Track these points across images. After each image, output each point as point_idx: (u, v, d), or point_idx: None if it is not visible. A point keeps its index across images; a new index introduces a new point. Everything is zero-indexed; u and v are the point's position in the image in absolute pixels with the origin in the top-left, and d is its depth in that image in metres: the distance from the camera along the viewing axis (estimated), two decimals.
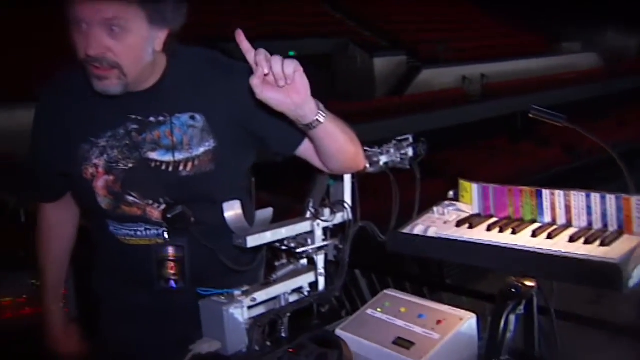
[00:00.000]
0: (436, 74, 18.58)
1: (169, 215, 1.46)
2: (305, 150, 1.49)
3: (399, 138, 1.68)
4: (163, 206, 1.48)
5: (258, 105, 1.28)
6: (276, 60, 1.19)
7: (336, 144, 1.39)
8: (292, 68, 1.20)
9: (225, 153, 1.48)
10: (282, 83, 1.20)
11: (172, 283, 1.49)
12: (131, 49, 1.34)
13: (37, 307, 1.89)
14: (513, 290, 1.06)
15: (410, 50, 19.09)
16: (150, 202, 1.48)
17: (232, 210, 1.46)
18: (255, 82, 1.21)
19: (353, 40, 18.53)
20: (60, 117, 1.50)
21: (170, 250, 1.49)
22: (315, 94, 1.28)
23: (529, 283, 1.16)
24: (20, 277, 2.24)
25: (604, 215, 1.29)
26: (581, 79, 21.38)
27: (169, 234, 1.49)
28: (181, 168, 1.46)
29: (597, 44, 23.01)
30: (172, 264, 1.49)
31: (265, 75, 1.20)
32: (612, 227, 1.28)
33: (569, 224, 1.34)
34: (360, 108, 15.06)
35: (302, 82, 1.23)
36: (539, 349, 1.27)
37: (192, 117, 1.45)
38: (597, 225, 1.30)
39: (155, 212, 1.49)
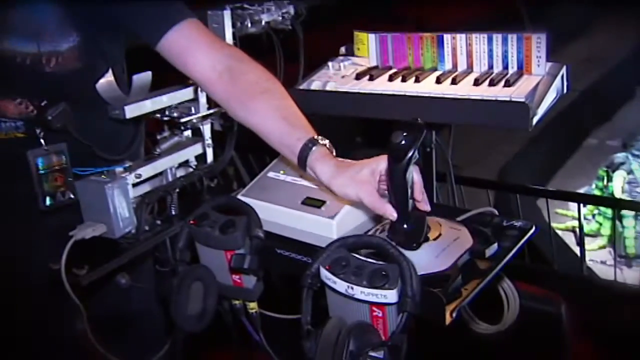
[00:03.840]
0: None
1: (49, 117, 1.20)
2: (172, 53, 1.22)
3: None
4: (18, 100, 1.25)
5: None
6: None
7: None
8: None
9: (91, 51, 1.26)
10: None
11: (60, 196, 1.27)
12: None
13: None
14: (404, 134, 0.92)
15: None
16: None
17: (104, 78, 1.25)
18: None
19: None
20: None
21: (55, 159, 1.25)
22: None
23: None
24: None
25: (504, 57, 1.28)
26: None
27: (44, 140, 1.24)
28: (44, 62, 1.21)
29: None
30: (56, 175, 1.25)
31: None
32: (512, 68, 1.28)
33: (470, 69, 1.31)
34: None
35: None
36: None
37: None
38: (498, 68, 1.29)
39: (10, 107, 1.25)
